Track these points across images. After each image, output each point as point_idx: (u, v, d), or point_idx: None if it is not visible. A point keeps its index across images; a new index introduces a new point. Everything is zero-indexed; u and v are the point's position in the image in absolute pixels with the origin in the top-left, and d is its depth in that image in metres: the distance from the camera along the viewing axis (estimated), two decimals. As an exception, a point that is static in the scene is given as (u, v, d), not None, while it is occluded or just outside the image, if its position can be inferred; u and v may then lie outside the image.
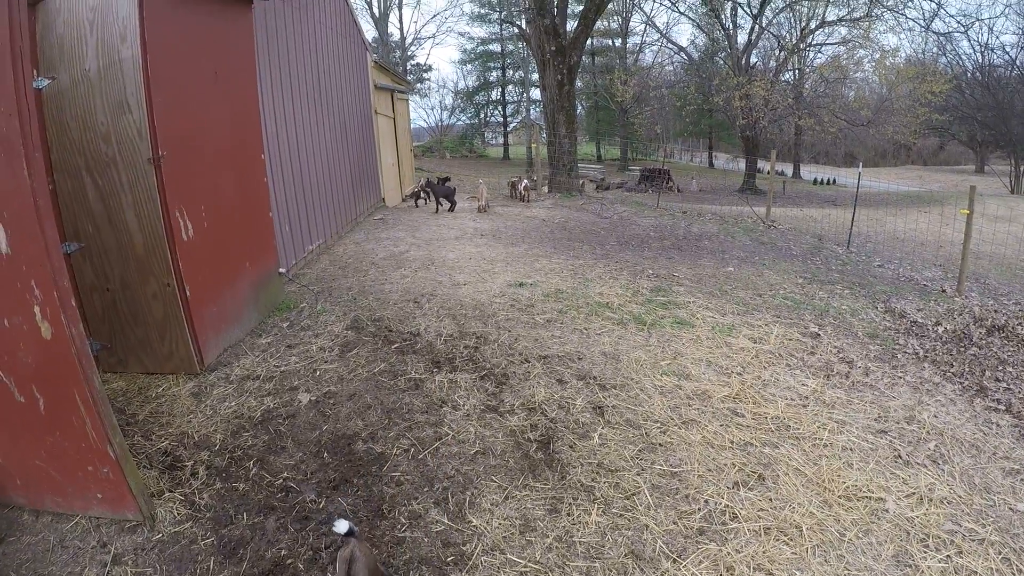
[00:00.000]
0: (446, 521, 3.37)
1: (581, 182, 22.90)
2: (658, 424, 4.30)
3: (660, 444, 4.07)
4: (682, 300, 7.02)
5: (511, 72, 53.17)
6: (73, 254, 4.71)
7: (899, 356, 5.86)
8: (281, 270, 6.72)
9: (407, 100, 18.47)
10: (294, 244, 8.01)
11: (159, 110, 4.48)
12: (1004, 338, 6.62)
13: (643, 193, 24.20)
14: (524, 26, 20.58)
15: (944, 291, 8.71)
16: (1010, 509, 3.56)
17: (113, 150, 4.49)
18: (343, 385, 4.81)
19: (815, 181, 39.27)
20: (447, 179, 17.94)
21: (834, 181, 38.69)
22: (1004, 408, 4.90)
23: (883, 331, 6.59)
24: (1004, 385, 5.36)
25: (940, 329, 6.82)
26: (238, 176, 5.78)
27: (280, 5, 7.99)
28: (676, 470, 3.80)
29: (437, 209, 12.23)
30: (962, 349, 6.24)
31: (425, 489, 3.63)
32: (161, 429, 4.22)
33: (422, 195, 15.24)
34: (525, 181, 15.98)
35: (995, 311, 7.66)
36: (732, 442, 4.10)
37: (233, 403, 4.55)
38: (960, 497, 3.66)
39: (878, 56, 28.15)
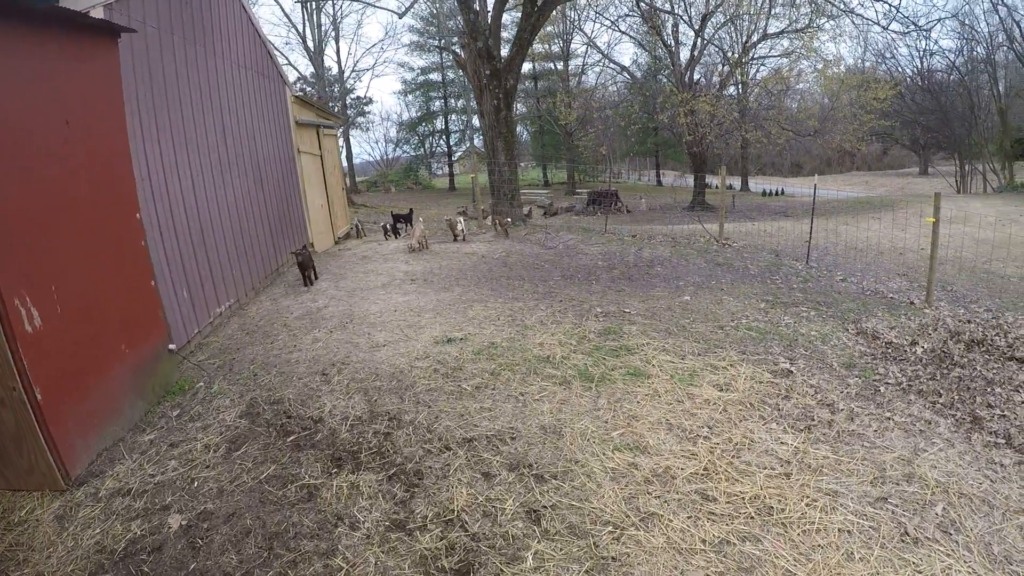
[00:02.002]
0: None
1: (527, 209, 22.22)
2: (610, 527, 3.39)
3: (613, 558, 3.16)
4: (635, 343, 6.20)
5: (453, 101, 52.89)
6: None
7: (882, 389, 5.15)
8: (171, 347, 5.73)
9: (336, 135, 17.54)
10: (195, 311, 7.00)
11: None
12: (985, 352, 5.99)
13: (592, 216, 23.64)
14: (460, 52, 19.92)
15: (913, 303, 8.16)
16: (1037, 585, 2.82)
17: (-64, 232, 3.57)
18: (222, 501, 3.84)
19: (764, 193, 39.37)
20: (409, 212, 17.16)
21: (783, 191, 38.83)
22: (1004, 441, 4.27)
23: (859, 358, 5.90)
24: (998, 412, 4.72)
25: (918, 350, 6.16)
26: (104, 244, 4.85)
27: (170, 39, 7.07)
28: (635, 597, 2.92)
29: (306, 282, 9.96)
30: (945, 372, 5.58)
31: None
32: (17, 568, 3.38)
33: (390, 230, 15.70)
34: (461, 223, 14.42)
35: (968, 322, 7.08)
36: (704, 541, 3.23)
37: (98, 530, 3.62)
38: (981, 576, 2.93)
39: (820, 66, 28.21)
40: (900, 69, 39.64)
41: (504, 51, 17.05)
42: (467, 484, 3.87)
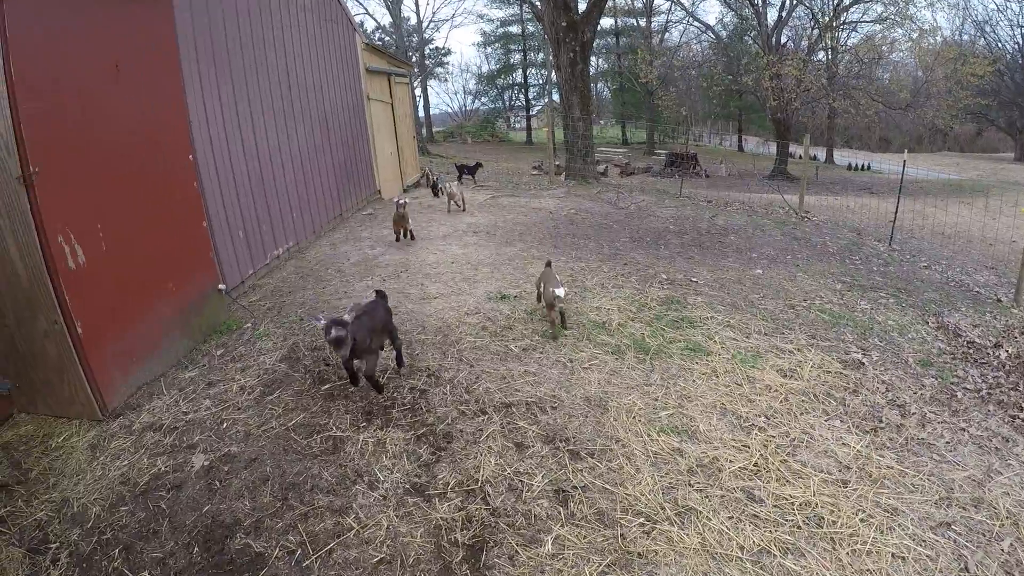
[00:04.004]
0: None
1: (604, 167, 21.72)
2: (641, 519, 3.17)
3: (638, 554, 2.94)
4: (698, 315, 5.87)
5: (533, 55, 52.02)
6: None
7: (959, 395, 4.72)
8: (221, 287, 5.71)
9: (408, 83, 17.32)
10: (251, 252, 7.00)
11: (30, 117, 3.58)
12: (1075, 366, 5.46)
13: (669, 178, 22.97)
14: (537, 3, 19.34)
15: (1000, 301, 7.56)
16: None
17: (-17, 168, 3.63)
18: (247, 445, 3.80)
19: (850, 167, 37.38)
20: (476, 165, 16.59)
21: (869, 166, 36.81)
22: (1086, 473, 3.84)
23: (937, 356, 5.46)
24: (1082, 437, 4.26)
25: (1002, 354, 5.68)
26: (155, 186, 4.85)
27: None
28: (656, 602, 2.70)
29: None
30: (1030, 383, 5.10)
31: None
32: (46, 492, 3.44)
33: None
34: (449, 187, 11.82)
35: (1058, 327, 6.50)
36: (743, 548, 2.98)
37: (125, 462, 3.67)
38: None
39: (915, 35, 26.31)
40: (1000, 45, 36.86)
41: (582, 4, 16.40)
42: (497, 453, 3.70)
